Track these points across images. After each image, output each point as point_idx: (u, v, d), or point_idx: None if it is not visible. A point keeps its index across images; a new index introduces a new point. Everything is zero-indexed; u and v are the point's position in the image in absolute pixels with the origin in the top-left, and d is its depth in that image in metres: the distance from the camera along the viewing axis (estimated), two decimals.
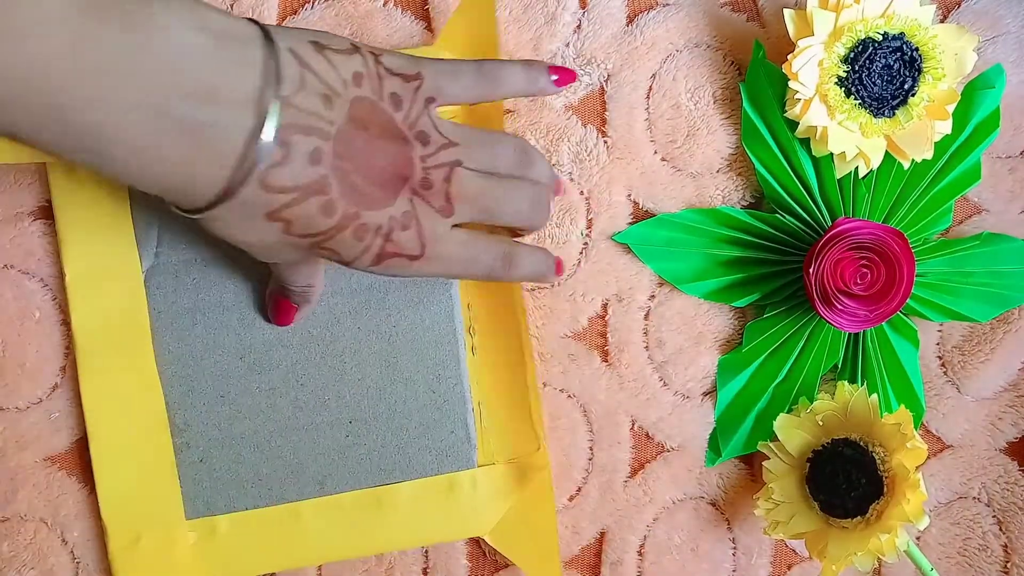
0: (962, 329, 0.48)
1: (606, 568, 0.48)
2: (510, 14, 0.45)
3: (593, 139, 0.46)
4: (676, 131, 0.46)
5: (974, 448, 0.48)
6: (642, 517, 0.48)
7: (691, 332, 0.47)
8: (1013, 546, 0.48)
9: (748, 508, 0.48)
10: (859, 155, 0.43)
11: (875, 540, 0.41)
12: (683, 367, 0.47)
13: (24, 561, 0.45)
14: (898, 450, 0.41)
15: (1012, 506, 0.48)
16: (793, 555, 0.49)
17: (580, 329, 0.47)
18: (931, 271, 0.46)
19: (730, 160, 0.46)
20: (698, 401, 0.47)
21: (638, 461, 0.48)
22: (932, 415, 0.48)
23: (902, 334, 0.46)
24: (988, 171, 0.46)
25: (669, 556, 0.48)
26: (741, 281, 0.46)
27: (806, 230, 0.45)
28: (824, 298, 0.43)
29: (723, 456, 0.47)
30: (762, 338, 0.46)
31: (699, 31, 0.46)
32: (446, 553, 0.47)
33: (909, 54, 0.42)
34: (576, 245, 0.46)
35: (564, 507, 0.47)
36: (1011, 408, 0.48)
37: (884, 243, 0.42)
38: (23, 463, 0.45)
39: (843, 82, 0.42)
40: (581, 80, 0.46)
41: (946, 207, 0.46)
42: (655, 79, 0.46)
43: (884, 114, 0.42)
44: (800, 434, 0.44)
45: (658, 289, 0.47)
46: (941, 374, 0.48)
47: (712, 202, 0.46)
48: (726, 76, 0.46)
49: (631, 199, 0.46)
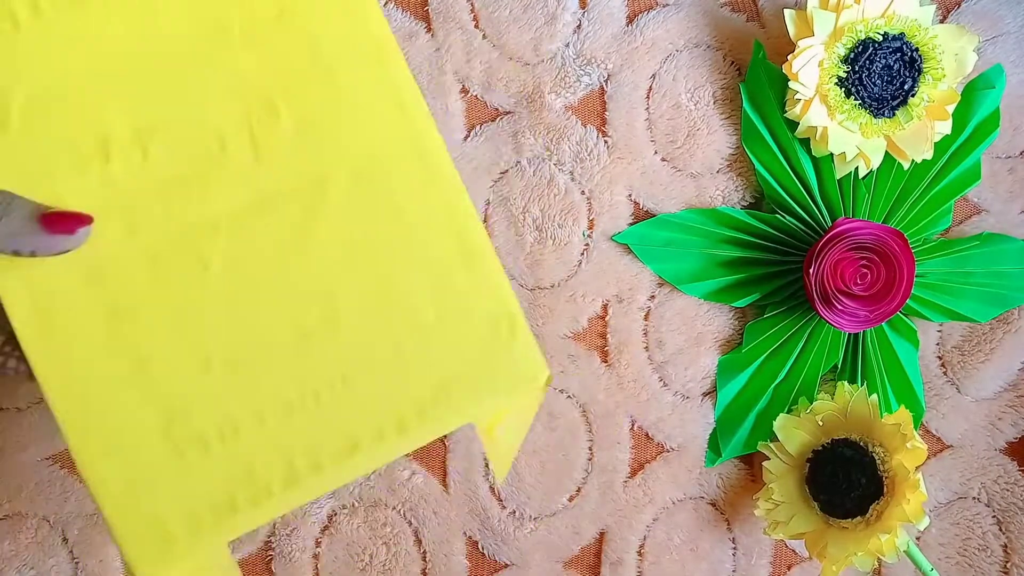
0: (962, 329, 0.48)
1: (606, 568, 0.48)
2: (510, 14, 0.45)
3: (593, 139, 0.46)
4: (676, 131, 0.46)
5: (974, 448, 0.48)
6: (642, 517, 0.48)
7: (691, 332, 0.47)
8: (1013, 546, 0.48)
9: (748, 508, 0.48)
10: (859, 155, 0.43)
11: (875, 540, 0.41)
12: (683, 367, 0.47)
13: (25, 560, 0.45)
14: (898, 450, 0.41)
15: (1012, 506, 0.48)
16: (793, 555, 0.49)
17: (580, 329, 0.47)
18: (931, 271, 0.46)
19: (730, 160, 0.46)
20: (698, 401, 0.47)
21: (638, 461, 0.48)
22: (932, 415, 0.48)
23: (902, 334, 0.46)
24: (988, 171, 0.46)
25: (669, 556, 0.48)
26: (741, 281, 0.46)
27: (806, 230, 0.45)
28: (824, 298, 0.43)
29: (723, 456, 0.47)
30: (762, 338, 0.46)
31: (699, 31, 0.46)
32: (445, 554, 0.47)
33: (909, 54, 0.42)
34: (578, 246, 0.46)
35: (564, 507, 0.47)
36: (1011, 408, 0.48)
37: (884, 243, 0.42)
38: (24, 462, 0.45)
39: (843, 82, 0.42)
40: (581, 80, 0.46)
41: (946, 207, 0.46)
42: (655, 79, 0.46)
43: (884, 114, 0.42)
44: (800, 434, 0.44)
45: (658, 289, 0.47)
46: (941, 374, 0.48)
47: (712, 202, 0.46)
48: (726, 76, 0.46)
49: (631, 199, 0.46)
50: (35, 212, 0.30)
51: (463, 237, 0.33)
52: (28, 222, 0.29)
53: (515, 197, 0.46)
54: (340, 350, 0.32)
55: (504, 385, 0.33)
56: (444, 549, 0.47)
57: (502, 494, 0.47)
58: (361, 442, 0.32)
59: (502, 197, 0.46)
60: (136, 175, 0.32)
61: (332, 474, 0.32)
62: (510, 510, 0.47)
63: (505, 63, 0.46)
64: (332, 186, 0.33)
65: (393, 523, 0.47)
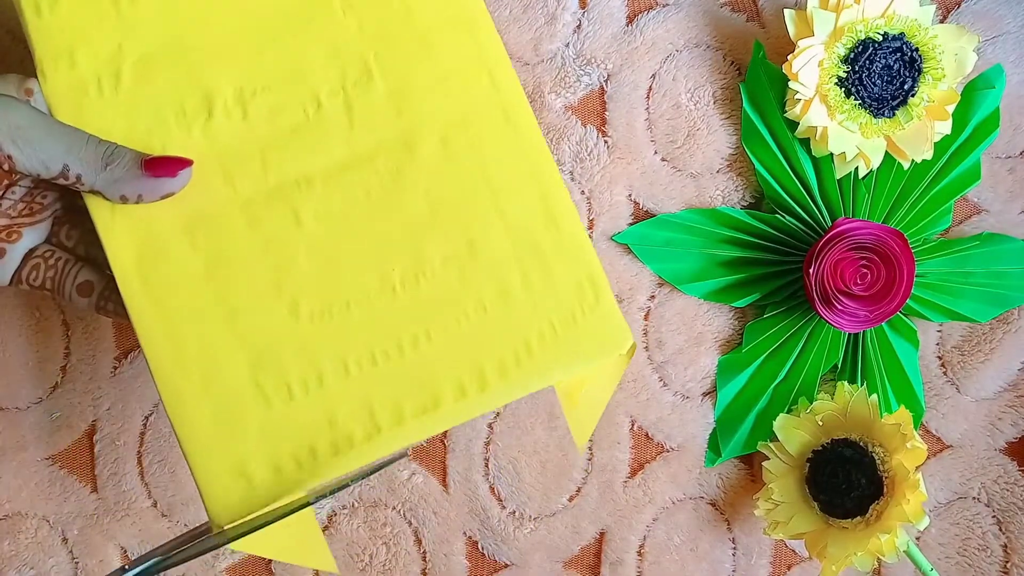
0: (962, 329, 0.48)
1: (606, 568, 0.48)
2: (510, 14, 0.45)
3: (593, 139, 0.46)
4: (676, 131, 0.46)
5: (974, 448, 0.48)
6: (642, 517, 0.48)
7: (691, 332, 0.47)
8: (1013, 546, 0.48)
9: (748, 508, 0.48)
10: (859, 155, 0.43)
11: (875, 540, 0.41)
12: (683, 367, 0.47)
13: (25, 560, 0.45)
14: (898, 450, 0.41)
15: (1012, 506, 0.48)
16: (793, 555, 0.49)
17: None
18: (931, 271, 0.46)
19: (730, 160, 0.46)
20: (698, 401, 0.47)
21: (638, 461, 0.48)
22: (932, 415, 0.48)
23: (902, 334, 0.46)
24: (988, 171, 0.46)
25: (669, 556, 0.48)
26: (741, 281, 0.46)
27: (806, 230, 0.45)
28: (824, 298, 0.43)
29: (723, 456, 0.47)
30: (762, 338, 0.46)
31: (699, 31, 0.46)
32: (445, 554, 0.47)
33: (909, 54, 0.42)
34: None
35: (564, 507, 0.47)
36: (1011, 408, 0.48)
37: (884, 243, 0.42)
38: (24, 462, 0.45)
39: (843, 82, 0.42)
40: (581, 80, 0.46)
41: (946, 207, 0.46)
42: (655, 79, 0.46)
43: (884, 114, 0.42)
44: (800, 434, 0.44)
45: (658, 289, 0.47)
46: (941, 374, 0.48)
47: (712, 202, 0.46)
48: (726, 76, 0.46)
49: (631, 199, 0.46)
50: (137, 159, 0.31)
51: (548, 200, 0.34)
52: (132, 168, 0.31)
53: None
54: (425, 306, 0.33)
55: (587, 350, 0.33)
56: (444, 549, 0.47)
57: (502, 494, 0.47)
58: (443, 397, 0.33)
59: None
60: (236, 132, 0.33)
61: (413, 427, 0.33)
62: (510, 510, 0.47)
63: None
64: (421, 148, 0.34)
65: (393, 523, 0.47)
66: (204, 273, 0.33)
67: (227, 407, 0.32)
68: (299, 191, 0.33)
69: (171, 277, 0.32)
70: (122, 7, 0.33)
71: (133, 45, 0.33)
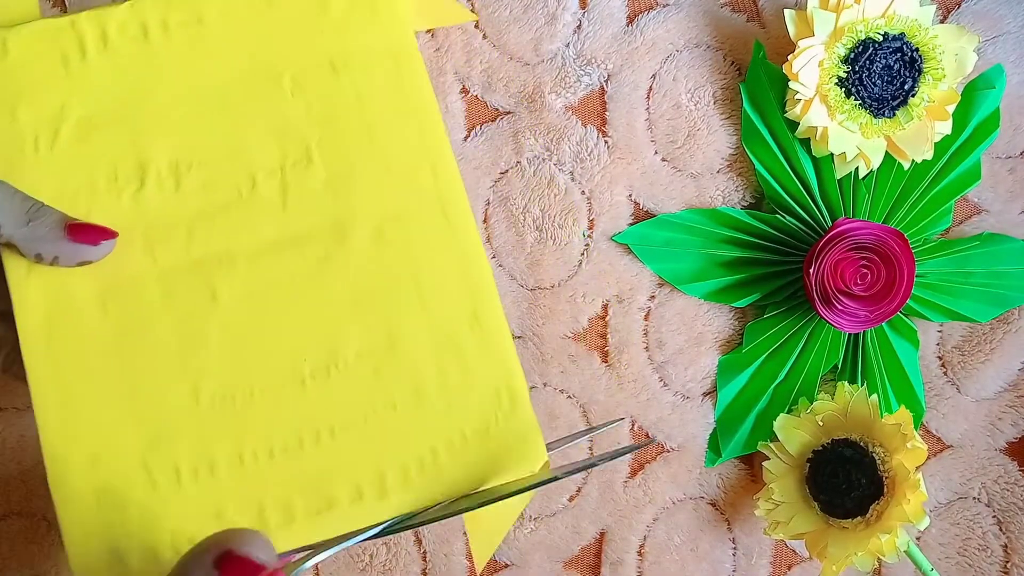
0: (962, 329, 0.48)
1: (606, 568, 0.48)
2: (510, 14, 0.45)
3: (594, 139, 0.46)
4: (676, 131, 0.46)
5: (974, 448, 0.48)
6: (642, 517, 0.48)
7: (691, 332, 0.47)
8: (1013, 546, 0.48)
9: (748, 508, 0.48)
10: (859, 155, 0.43)
11: (875, 540, 0.41)
12: (683, 367, 0.47)
13: (24, 560, 0.45)
14: (898, 450, 0.41)
15: (1012, 506, 0.48)
16: (793, 555, 0.49)
17: (580, 330, 0.47)
18: (931, 271, 0.46)
19: (730, 160, 0.46)
20: (698, 401, 0.47)
21: (638, 461, 0.48)
22: (932, 415, 0.48)
23: (902, 334, 0.46)
24: (988, 171, 0.46)
25: (669, 556, 0.48)
26: (741, 281, 0.46)
27: (806, 230, 0.45)
28: (824, 298, 0.43)
29: (723, 456, 0.47)
30: (762, 338, 0.46)
31: (699, 31, 0.46)
32: (445, 554, 0.47)
33: (909, 54, 0.42)
34: (578, 246, 0.46)
35: (564, 507, 0.47)
36: (1011, 408, 0.48)
37: (884, 243, 0.42)
38: (24, 462, 0.45)
39: (843, 82, 0.42)
40: (581, 80, 0.46)
41: (946, 207, 0.46)
42: (655, 79, 0.46)
43: (884, 114, 0.42)
44: (800, 434, 0.44)
45: (658, 290, 0.47)
46: (941, 374, 0.48)
47: (712, 202, 0.46)
48: (726, 76, 0.46)
49: (632, 199, 0.46)
50: (62, 221, 0.31)
51: (476, 301, 0.33)
52: (54, 229, 0.30)
53: (515, 197, 0.46)
54: (332, 401, 0.32)
55: (497, 464, 0.32)
56: (444, 549, 0.47)
57: None
58: (338, 499, 0.31)
59: (502, 197, 0.46)
60: (166, 203, 0.32)
61: (303, 528, 0.31)
62: None
63: (505, 63, 0.46)
64: (353, 237, 0.33)
65: None
66: (111, 343, 0.31)
67: (112, 486, 0.31)
68: (220, 268, 0.32)
69: (77, 343, 0.31)
70: (72, 66, 0.33)
71: (76, 105, 0.33)
